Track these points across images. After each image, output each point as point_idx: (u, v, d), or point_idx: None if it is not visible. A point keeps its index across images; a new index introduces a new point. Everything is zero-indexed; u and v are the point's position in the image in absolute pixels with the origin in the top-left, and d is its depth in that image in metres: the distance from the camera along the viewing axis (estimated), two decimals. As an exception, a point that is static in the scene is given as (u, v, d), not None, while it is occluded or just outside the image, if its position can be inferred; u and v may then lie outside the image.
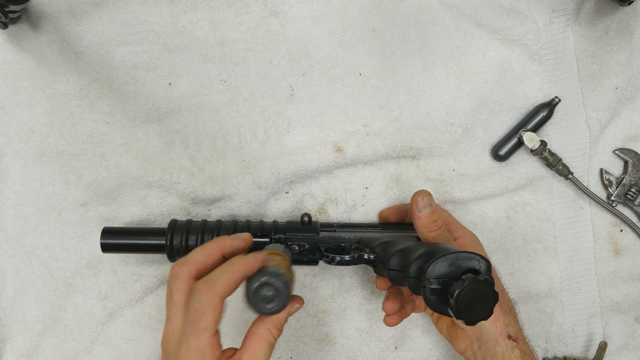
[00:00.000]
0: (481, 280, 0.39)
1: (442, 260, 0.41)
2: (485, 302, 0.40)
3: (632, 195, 0.66)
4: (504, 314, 0.54)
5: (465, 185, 0.65)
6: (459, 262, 0.41)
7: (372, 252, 0.52)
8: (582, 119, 0.66)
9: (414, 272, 0.43)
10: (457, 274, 0.40)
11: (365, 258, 0.52)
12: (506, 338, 0.53)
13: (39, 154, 0.64)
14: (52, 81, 0.64)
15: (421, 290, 0.41)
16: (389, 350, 0.65)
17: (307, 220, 0.57)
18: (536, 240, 0.66)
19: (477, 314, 0.40)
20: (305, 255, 0.56)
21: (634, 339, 0.66)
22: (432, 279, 0.40)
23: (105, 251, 0.59)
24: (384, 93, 0.66)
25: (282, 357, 0.65)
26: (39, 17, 0.63)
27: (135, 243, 0.59)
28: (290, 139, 0.65)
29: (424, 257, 0.42)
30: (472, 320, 0.40)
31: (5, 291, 0.63)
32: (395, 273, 0.47)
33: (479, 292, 0.39)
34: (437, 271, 0.41)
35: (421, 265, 0.42)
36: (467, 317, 0.39)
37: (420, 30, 0.66)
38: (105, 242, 0.58)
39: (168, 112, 0.64)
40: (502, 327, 0.53)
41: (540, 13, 0.67)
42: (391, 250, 0.48)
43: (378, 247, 0.52)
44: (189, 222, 0.58)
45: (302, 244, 0.56)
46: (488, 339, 0.53)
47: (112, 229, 0.59)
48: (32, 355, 0.63)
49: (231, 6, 0.65)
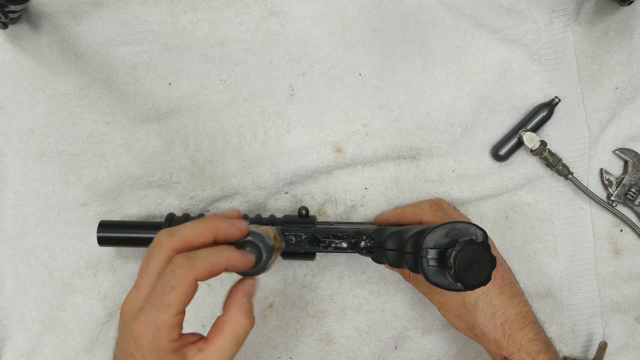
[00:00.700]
0: (478, 242, 0.40)
1: (439, 230, 0.41)
2: (482, 266, 0.40)
3: (632, 195, 0.66)
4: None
5: (465, 185, 0.65)
6: (455, 231, 0.41)
7: (368, 239, 0.52)
8: (582, 119, 0.66)
9: (411, 248, 0.43)
10: (454, 242, 0.41)
11: (361, 245, 0.52)
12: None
13: (38, 154, 0.64)
14: (52, 81, 0.64)
15: (419, 262, 0.41)
16: (388, 350, 0.65)
17: (305, 214, 0.57)
18: (536, 240, 0.66)
19: (475, 278, 0.40)
20: (302, 246, 0.55)
21: (634, 339, 0.66)
22: (429, 248, 0.41)
23: (102, 244, 0.59)
24: (384, 93, 0.66)
25: (281, 357, 0.64)
26: (39, 17, 0.63)
27: (132, 236, 0.58)
28: (290, 139, 0.65)
29: (419, 232, 0.43)
30: (470, 284, 0.40)
31: (4, 291, 0.63)
32: (393, 253, 0.47)
33: (476, 255, 0.39)
34: (434, 241, 0.41)
35: (417, 239, 0.42)
36: (466, 281, 0.39)
37: (420, 30, 0.66)
38: (102, 235, 0.58)
39: (168, 112, 0.64)
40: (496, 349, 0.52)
41: (540, 13, 0.67)
42: (387, 233, 0.48)
43: (374, 233, 0.52)
44: (186, 215, 0.59)
45: (299, 234, 0.55)
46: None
47: (108, 222, 0.59)
48: (31, 355, 0.63)
49: (231, 6, 0.65)
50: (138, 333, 0.38)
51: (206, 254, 0.40)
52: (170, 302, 0.37)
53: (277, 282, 0.65)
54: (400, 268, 0.47)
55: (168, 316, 0.37)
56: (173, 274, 0.38)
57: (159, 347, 0.38)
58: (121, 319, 0.41)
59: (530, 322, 0.52)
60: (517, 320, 0.52)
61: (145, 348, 0.38)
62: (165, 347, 0.38)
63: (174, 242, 0.40)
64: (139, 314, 0.38)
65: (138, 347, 0.38)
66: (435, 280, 0.41)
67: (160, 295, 0.38)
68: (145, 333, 0.37)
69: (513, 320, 0.52)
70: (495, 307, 0.52)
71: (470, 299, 0.52)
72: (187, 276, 0.38)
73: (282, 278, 0.65)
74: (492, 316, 0.52)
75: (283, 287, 0.65)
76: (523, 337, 0.51)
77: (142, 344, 0.38)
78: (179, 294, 0.38)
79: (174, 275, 0.38)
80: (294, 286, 0.65)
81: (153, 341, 0.37)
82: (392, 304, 0.65)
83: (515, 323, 0.52)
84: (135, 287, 0.40)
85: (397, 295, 0.65)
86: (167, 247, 0.40)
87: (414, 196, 0.65)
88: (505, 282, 0.53)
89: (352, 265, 0.65)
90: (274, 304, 0.65)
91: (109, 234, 0.58)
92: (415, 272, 0.43)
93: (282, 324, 0.65)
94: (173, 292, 0.38)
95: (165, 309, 0.37)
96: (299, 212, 0.57)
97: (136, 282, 0.40)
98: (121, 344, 0.40)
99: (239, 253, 0.41)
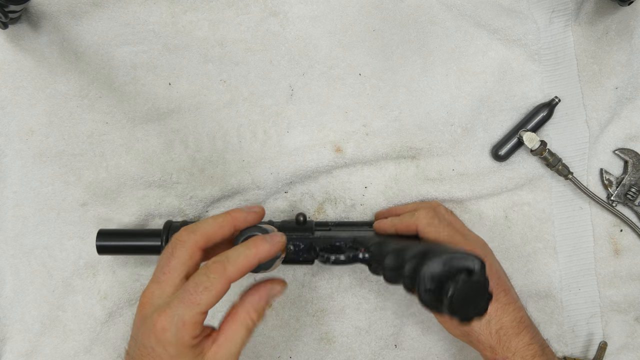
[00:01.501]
0: (474, 280, 0.39)
1: (437, 261, 0.41)
2: (479, 301, 0.40)
3: (632, 195, 0.66)
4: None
5: (465, 184, 0.65)
6: (453, 262, 0.41)
7: (366, 251, 0.52)
8: (582, 119, 0.66)
9: (409, 271, 0.43)
10: (452, 274, 0.40)
11: (360, 257, 0.52)
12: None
13: (38, 154, 0.64)
14: (52, 81, 0.64)
15: (417, 289, 0.41)
16: (388, 348, 0.65)
17: (302, 220, 0.57)
18: (536, 240, 0.66)
19: (471, 312, 0.40)
20: (300, 255, 0.56)
21: (634, 339, 0.66)
22: (426, 279, 0.41)
23: (101, 253, 0.59)
24: (384, 93, 0.66)
25: (281, 357, 0.64)
26: (39, 17, 0.63)
27: (131, 245, 0.59)
28: (290, 139, 0.65)
29: (418, 256, 0.43)
30: (466, 317, 0.40)
31: (4, 291, 0.63)
32: (391, 272, 0.47)
33: (473, 290, 0.39)
34: (432, 271, 0.41)
35: (416, 265, 0.42)
36: (462, 316, 0.40)
37: (420, 30, 0.66)
38: (101, 244, 0.58)
39: (168, 112, 0.64)
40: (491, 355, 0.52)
41: (540, 13, 0.67)
42: (386, 249, 0.48)
43: (373, 247, 0.52)
44: (184, 223, 0.59)
45: (297, 243, 0.56)
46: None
47: (107, 231, 0.59)
48: (31, 355, 0.63)
49: (231, 6, 0.65)
50: (162, 326, 0.39)
51: (237, 257, 0.41)
52: (200, 301, 0.39)
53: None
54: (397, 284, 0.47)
55: (195, 313, 0.39)
56: (208, 277, 0.40)
57: (182, 341, 0.39)
58: (140, 313, 0.41)
59: (525, 327, 0.52)
60: (513, 326, 0.52)
61: (167, 341, 0.39)
62: (187, 342, 0.39)
63: (195, 239, 0.42)
64: (164, 308, 0.39)
65: (159, 340, 0.39)
66: (433, 307, 0.41)
67: (192, 293, 0.39)
68: (170, 327, 0.39)
69: (508, 326, 0.52)
70: (490, 315, 0.52)
71: None
72: (220, 280, 0.40)
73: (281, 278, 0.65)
74: (487, 324, 0.52)
75: (283, 287, 0.65)
76: (518, 342, 0.51)
77: (165, 337, 0.39)
78: (211, 296, 0.39)
79: (208, 278, 0.40)
80: (294, 285, 0.65)
81: (177, 335, 0.39)
82: (391, 302, 0.65)
83: (510, 329, 0.52)
84: (157, 282, 0.41)
85: (396, 294, 0.65)
86: (190, 244, 0.42)
87: (414, 195, 0.65)
88: (500, 290, 0.53)
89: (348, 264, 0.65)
90: (274, 304, 0.65)
91: (108, 242, 0.59)
92: (412, 294, 0.43)
93: (282, 323, 0.65)
94: (206, 292, 0.39)
95: (195, 306, 0.39)
96: (296, 219, 0.57)
97: (157, 277, 0.42)
98: (139, 337, 0.41)
99: (267, 243, 0.43)
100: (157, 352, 0.39)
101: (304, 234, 0.56)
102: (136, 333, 0.42)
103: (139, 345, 0.40)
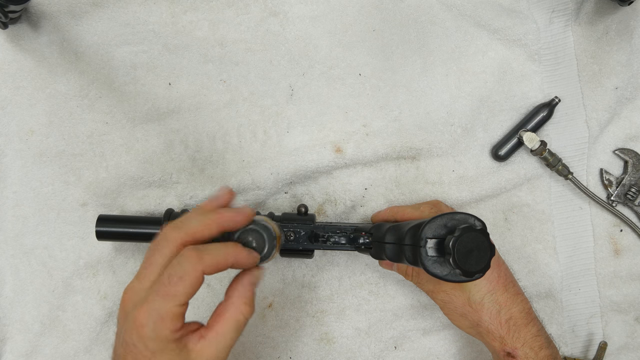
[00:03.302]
0: (477, 229, 0.40)
1: (438, 220, 0.41)
2: (481, 254, 0.40)
3: (632, 195, 0.66)
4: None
5: (464, 186, 0.65)
6: (453, 221, 0.41)
7: (367, 235, 0.52)
8: (582, 119, 0.66)
9: (410, 239, 0.43)
10: (453, 230, 0.41)
11: (360, 241, 0.52)
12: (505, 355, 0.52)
13: (38, 154, 0.64)
14: (52, 81, 0.64)
15: (418, 253, 0.41)
16: (388, 350, 0.65)
17: (304, 211, 0.57)
18: (536, 241, 0.66)
19: (474, 265, 0.40)
20: (300, 242, 0.55)
21: (634, 339, 0.66)
22: (428, 238, 0.41)
23: (100, 239, 0.59)
24: (384, 93, 0.66)
25: (281, 357, 0.64)
26: (39, 17, 0.63)
27: (131, 231, 0.58)
28: (290, 139, 0.65)
29: (418, 224, 0.43)
30: (470, 271, 0.40)
31: (4, 291, 0.63)
32: (392, 246, 0.47)
33: (475, 242, 0.40)
34: (433, 230, 0.41)
35: (416, 231, 0.42)
36: (465, 267, 0.40)
37: (420, 30, 0.66)
38: (100, 229, 0.58)
39: (168, 112, 0.64)
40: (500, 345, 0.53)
41: (540, 13, 0.67)
42: (385, 227, 0.49)
43: (373, 229, 0.52)
44: (185, 212, 0.58)
45: (297, 230, 0.55)
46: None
47: (107, 217, 0.59)
48: (31, 355, 0.63)
49: (231, 6, 0.65)
50: (140, 322, 0.38)
51: (215, 249, 0.40)
52: (176, 293, 0.38)
53: (276, 282, 0.65)
54: (400, 262, 0.47)
55: (172, 306, 0.38)
56: (181, 266, 0.38)
57: (162, 336, 0.38)
58: (122, 310, 0.40)
59: (532, 318, 0.53)
60: (521, 317, 0.53)
61: (147, 337, 0.38)
62: (167, 337, 0.38)
63: (181, 235, 0.40)
64: (142, 304, 0.38)
65: (140, 336, 0.38)
66: (434, 270, 0.41)
67: (166, 285, 0.38)
68: (147, 322, 0.37)
69: (517, 317, 0.52)
70: (500, 304, 0.53)
71: (475, 298, 0.53)
72: (195, 269, 0.38)
73: (281, 278, 0.65)
74: (498, 314, 0.52)
75: (282, 286, 0.65)
76: (527, 332, 0.52)
77: (145, 332, 0.37)
78: (186, 285, 0.38)
79: (181, 267, 0.38)
80: (293, 286, 0.65)
81: (155, 330, 0.37)
82: (391, 304, 0.65)
83: (519, 319, 0.52)
84: (138, 278, 0.40)
85: (396, 295, 0.65)
86: (174, 240, 0.40)
87: (414, 197, 0.65)
88: (509, 280, 0.54)
89: (352, 265, 0.65)
90: (274, 304, 0.65)
91: (108, 228, 0.58)
92: (415, 264, 0.43)
93: (282, 323, 0.65)
94: (181, 282, 0.38)
95: (171, 298, 0.38)
96: (298, 209, 0.57)
97: (139, 272, 0.40)
98: (122, 335, 0.40)
99: (246, 252, 0.42)
100: (139, 349, 0.38)
101: (305, 223, 0.56)
102: (120, 330, 0.41)
103: (122, 343, 0.39)
